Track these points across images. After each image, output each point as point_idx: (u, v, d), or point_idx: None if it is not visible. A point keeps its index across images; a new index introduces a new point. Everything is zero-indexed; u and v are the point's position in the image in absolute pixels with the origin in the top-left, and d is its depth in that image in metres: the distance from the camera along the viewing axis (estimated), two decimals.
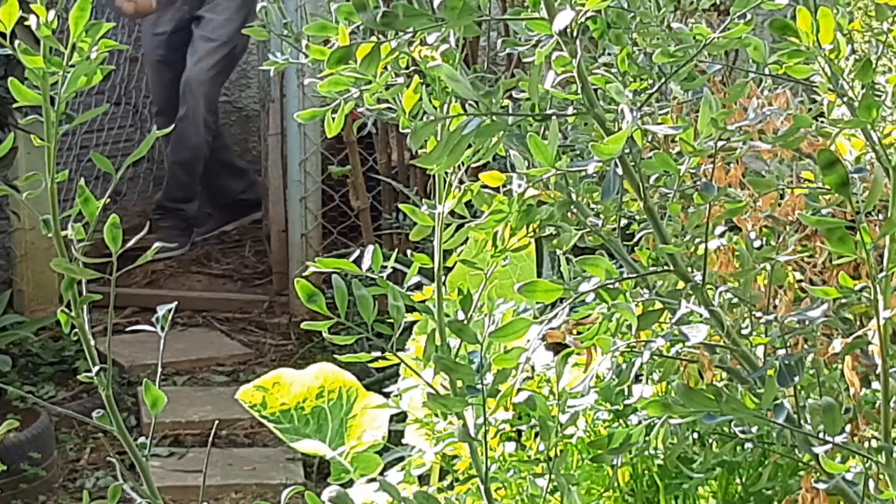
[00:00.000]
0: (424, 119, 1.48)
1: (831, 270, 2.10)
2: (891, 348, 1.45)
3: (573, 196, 1.66)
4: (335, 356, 2.03)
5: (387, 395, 2.41)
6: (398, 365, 1.74)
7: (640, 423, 1.75)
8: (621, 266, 1.61)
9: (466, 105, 1.50)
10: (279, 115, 5.99)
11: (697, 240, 1.65)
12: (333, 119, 1.58)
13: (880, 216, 1.94)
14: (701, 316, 1.56)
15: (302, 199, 6.02)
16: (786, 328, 1.68)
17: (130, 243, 1.59)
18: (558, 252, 1.66)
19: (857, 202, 1.38)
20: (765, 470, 2.11)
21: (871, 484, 1.52)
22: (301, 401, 2.57)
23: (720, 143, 1.61)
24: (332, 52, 1.43)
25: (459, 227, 1.61)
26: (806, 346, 1.84)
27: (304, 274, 1.60)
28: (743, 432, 1.67)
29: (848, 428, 1.69)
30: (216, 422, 4.83)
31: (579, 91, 1.49)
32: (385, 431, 2.51)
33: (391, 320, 1.54)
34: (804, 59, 1.45)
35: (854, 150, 1.76)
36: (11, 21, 1.50)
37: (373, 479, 2.15)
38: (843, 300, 1.56)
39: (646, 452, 2.16)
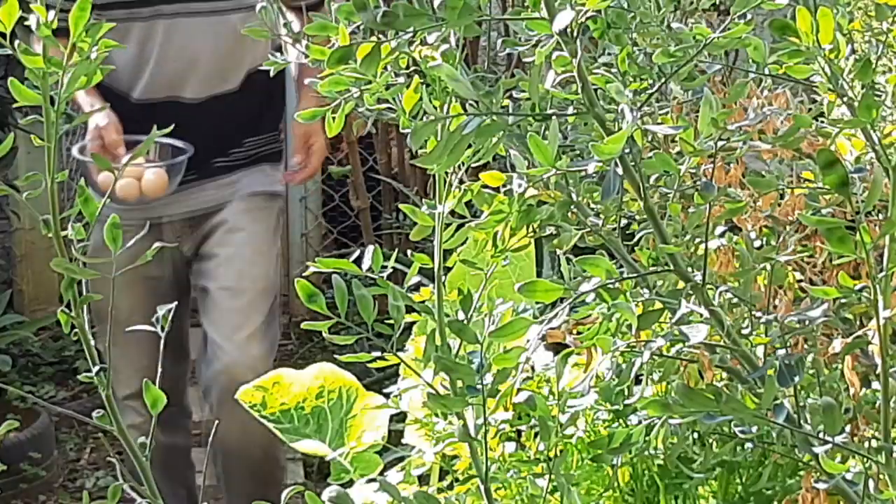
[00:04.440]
0: (424, 119, 1.48)
1: (831, 270, 2.10)
2: (891, 348, 1.45)
3: (573, 196, 1.66)
4: (335, 356, 2.03)
5: (387, 395, 2.40)
6: (398, 365, 1.74)
7: (640, 423, 1.75)
8: (621, 266, 1.61)
9: (466, 105, 1.50)
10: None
11: (697, 240, 1.65)
12: (333, 119, 1.58)
13: (880, 216, 1.94)
14: (701, 316, 1.56)
15: (302, 199, 6.02)
16: (786, 328, 1.68)
17: (130, 243, 1.59)
18: (558, 252, 1.66)
19: (857, 202, 1.38)
20: (765, 470, 2.11)
21: (871, 484, 1.52)
22: (301, 401, 2.57)
23: (720, 143, 1.61)
24: (332, 52, 1.42)
25: (459, 227, 1.61)
26: (806, 346, 1.84)
27: (304, 274, 1.60)
28: (743, 432, 1.67)
29: (848, 428, 1.69)
30: (216, 422, 4.82)
31: (579, 91, 1.49)
32: (385, 431, 2.50)
33: (391, 320, 1.54)
34: (804, 59, 1.45)
35: (854, 150, 1.76)
36: (11, 21, 1.50)
37: (373, 479, 2.14)
38: (843, 300, 1.56)
39: (646, 452, 2.15)
